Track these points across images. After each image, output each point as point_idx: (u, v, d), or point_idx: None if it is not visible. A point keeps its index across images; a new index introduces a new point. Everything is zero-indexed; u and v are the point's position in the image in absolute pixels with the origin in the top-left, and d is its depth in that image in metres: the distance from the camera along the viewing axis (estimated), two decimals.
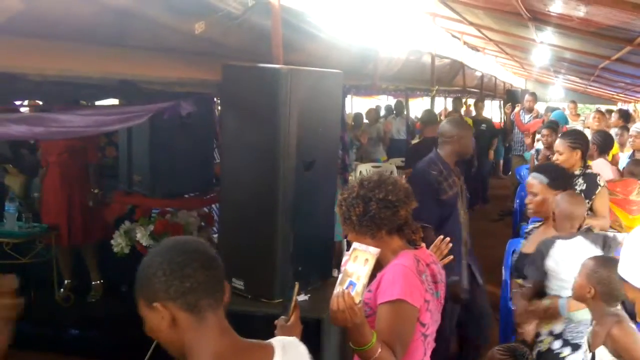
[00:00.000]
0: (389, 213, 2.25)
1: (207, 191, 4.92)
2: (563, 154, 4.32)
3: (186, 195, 4.79)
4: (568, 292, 2.90)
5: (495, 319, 5.35)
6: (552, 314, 3.03)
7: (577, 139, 4.42)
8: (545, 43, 8.65)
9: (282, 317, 1.98)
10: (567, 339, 3.03)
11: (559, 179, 3.58)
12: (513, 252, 5.41)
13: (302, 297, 3.47)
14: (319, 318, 3.24)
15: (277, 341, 1.63)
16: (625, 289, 1.66)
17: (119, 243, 4.19)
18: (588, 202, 4.20)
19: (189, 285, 1.46)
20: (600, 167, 5.10)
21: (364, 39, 6.10)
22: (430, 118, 7.48)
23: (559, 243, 3.09)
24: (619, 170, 5.88)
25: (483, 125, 10.84)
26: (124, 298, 5.36)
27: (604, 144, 5.61)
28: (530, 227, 3.73)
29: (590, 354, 2.50)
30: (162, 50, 3.17)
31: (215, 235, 4.61)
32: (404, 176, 5.84)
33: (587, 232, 3.22)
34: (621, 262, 1.66)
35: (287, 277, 3.39)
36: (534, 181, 3.55)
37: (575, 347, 2.98)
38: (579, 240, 3.09)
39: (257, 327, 1.61)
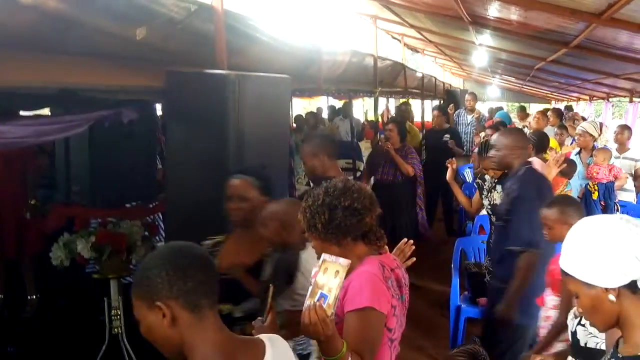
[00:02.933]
0: (355, 221, 2.24)
1: (150, 199, 4.79)
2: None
3: (128, 205, 4.65)
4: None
5: (444, 317, 5.43)
6: None
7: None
8: (484, 45, 8.85)
9: (259, 318, 2.01)
10: None
11: (269, 182, 3.06)
12: (460, 250, 5.54)
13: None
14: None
15: (264, 337, 1.73)
16: (567, 283, 1.69)
17: (58, 256, 4.00)
18: None
19: (191, 285, 1.54)
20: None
21: (307, 42, 6.09)
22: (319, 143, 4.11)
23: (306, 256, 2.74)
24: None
25: (446, 135, 8.50)
26: (61, 312, 5.18)
27: (540, 144, 5.77)
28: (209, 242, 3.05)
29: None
30: (102, 57, 3.06)
31: (160, 244, 4.49)
32: None
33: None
34: (563, 255, 1.69)
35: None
36: (243, 183, 2.94)
37: None
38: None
39: None
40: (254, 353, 1.65)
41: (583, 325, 2.63)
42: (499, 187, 4.39)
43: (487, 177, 4.61)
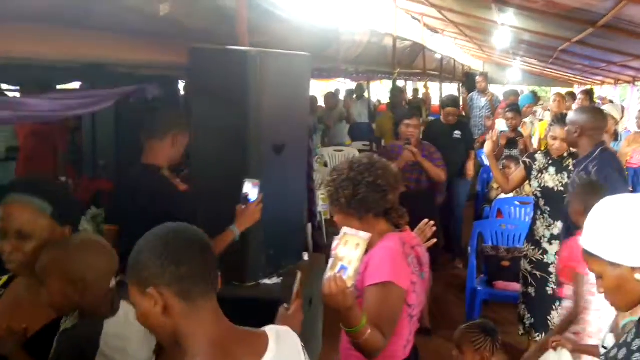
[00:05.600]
0: (378, 197, 2.28)
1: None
2: (560, 140, 4.22)
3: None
4: None
5: (460, 299, 5.46)
6: None
7: None
8: (506, 25, 8.74)
9: (284, 305, 1.95)
10: None
11: (68, 203, 2.14)
12: (478, 234, 5.54)
13: (275, 280, 3.47)
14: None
15: (270, 329, 1.63)
16: (590, 264, 1.67)
17: (85, 229, 4.08)
18: None
19: (184, 271, 1.45)
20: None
21: (326, 21, 6.07)
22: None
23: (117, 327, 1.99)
24: None
25: (457, 132, 6.80)
26: None
27: None
28: None
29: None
30: (127, 32, 3.09)
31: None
32: None
33: None
34: (586, 235, 1.67)
35: (258, 261, 3.39)
36: (23, 209, 1.95)
37: None
38: None
39: (228, 310, 1.58)
40: (254, 348, 1.55)
41: (605, 348, 2.57)
42: (552, 169, 4.28)
43: (537, 156, 4.46)
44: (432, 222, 2.76)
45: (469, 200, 7.61)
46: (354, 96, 12.63)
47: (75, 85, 4.19)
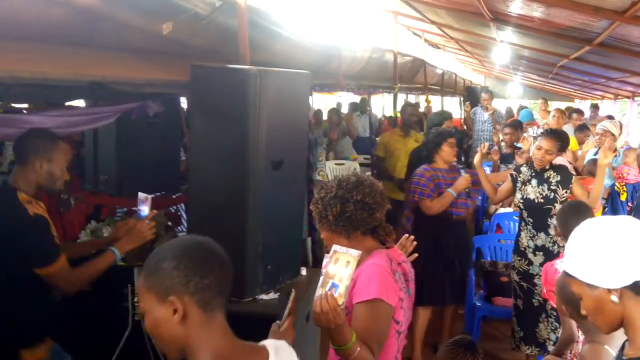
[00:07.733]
0: (365, 215, 2.31)
1: (174, 190, 4.90)
2: (554, 154, 4.42)
3: (152, 195, 4.74)
4: None
5: (459, 314, 5.47)
6: None
7: (565, 141, 4.61)
8: (505, 42, 8.83)
9: (276, 322, 2.01)
10: None
11: None
12: (477, 249, 5.56)
13: (272, 296, 3.50)
14: None
15: (269, 343, 1.69)
16: (570, 285, 1.69)
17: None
18: (566, 191, 4.32)
19: (207, 282, 1.51)
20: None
21: (328, 38, 6.14)
22: None
23: None
24: (575, 168, 6.06)
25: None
26: (87, 298, 5.29)
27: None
28: None
29: None
30: (130, 51, 3.15)
31: (182, 235, 4.60)
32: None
33: None
34: (566, 257, 1.70)
35: (256, 276, 3.42)
36: None
37: None
38: None
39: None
40: None
41: None
42: (534, 181, 4.41)
43: (522, 168, 4.58)
44: (412, 237, 2.80)
45: None
46: (358, 111, 12.72)
47: (80, 102, 4.24)
